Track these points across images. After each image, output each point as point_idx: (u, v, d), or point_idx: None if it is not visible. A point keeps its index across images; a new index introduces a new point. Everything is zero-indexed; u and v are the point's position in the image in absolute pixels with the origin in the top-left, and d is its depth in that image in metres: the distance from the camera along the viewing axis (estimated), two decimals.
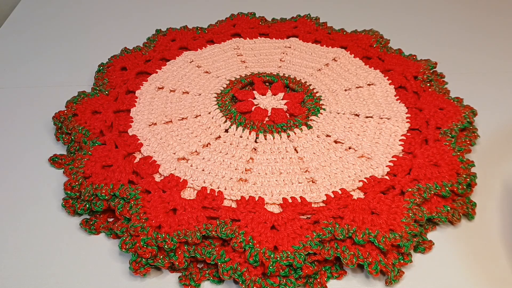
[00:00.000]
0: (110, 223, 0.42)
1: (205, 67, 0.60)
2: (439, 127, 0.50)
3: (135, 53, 0.61)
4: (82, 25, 0.72)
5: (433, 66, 0.59)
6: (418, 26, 0.72)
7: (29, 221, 0.42)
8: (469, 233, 0.42)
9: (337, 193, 0.43)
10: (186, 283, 0.37)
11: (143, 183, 0.43)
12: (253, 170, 0.45)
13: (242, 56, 0.62)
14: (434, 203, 0.43)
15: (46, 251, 0.40)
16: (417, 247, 0.40)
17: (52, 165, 0.47)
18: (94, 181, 0.43)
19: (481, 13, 0.76)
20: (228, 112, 0.52)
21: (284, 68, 0.60)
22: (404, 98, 0.54)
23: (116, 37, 0.68)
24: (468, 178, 0.44)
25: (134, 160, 0.46)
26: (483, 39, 0.69)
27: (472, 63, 0.64)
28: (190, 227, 0.39)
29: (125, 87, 0.55)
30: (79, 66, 0.62)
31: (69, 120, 0.50)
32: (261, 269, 0.37)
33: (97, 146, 0.47)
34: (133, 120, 0.51)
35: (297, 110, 0.53)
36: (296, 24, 0.68)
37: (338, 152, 0.47)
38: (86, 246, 0.40)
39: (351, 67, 0.60)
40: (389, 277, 0.37)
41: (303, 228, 0.39)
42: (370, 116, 0.52)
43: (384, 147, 0.48)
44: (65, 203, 0.42)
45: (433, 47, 0.66)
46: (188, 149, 0.47)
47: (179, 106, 0.53)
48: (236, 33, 0.66)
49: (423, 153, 0.47)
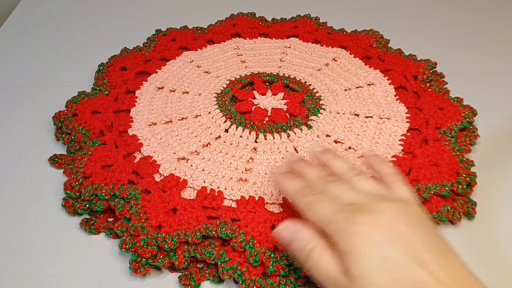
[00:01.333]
0: (110, 223, 0.42)
1: (205, 67, 0.60)
2: (439, 127, 0.50)
3: (135, 53, 0.61)
4: (82, 25, 0.72)
5: (433, 66, 0.59)
6: (418, 26, 0.72)
7: (29, 221, 0.42)
8: (469, 233, 0.42)
9: None
10: (186, 283, 0.37)
11: (143, 183, 0.43)
12: (253, 170, 0.45)
13: (242, 56, 0.62)
14: (434, 203, 0.43)
15: (46, 251, 0.40)
16: None
17: (52, 165, 0.47)
18: (94, 181, 0.43)
19: (481, 13, 0.76)
20: (228, 112, 0.52)
21: (284, 68, 0.60)
22: (404, 98, 0.54)
23: (116, 37, 0.68)
24: (468, 177, 0.44)
25: (134, 160, 0.46)
26: (483, 39, 0.70)
27: (472, 63, 0.64)
28: (190, 227, 0.39)
29: (125, 87, 0.55)
30: (79, 66, 0.62)
31: (69, 120, 0.50)
32: (261, 269, 0.37)
33: (97, 146, 0.47)
34: (133, 120, 0.51)
35: (297, 110, 0.53)
36: (296, 24, 0.68)
37: (338, 152, 0.47)
38: (86, 246, 0.40)
39: (351, 67, 0.60)
40: None
41: None
42: (370, 116, 0.52)
43: (384, 147, 0.48)
44: (65, 203, 0.42)
45: (433, 47, 0.66)
46: (188, 149, 0.47)
47: (179, 106, 0.53)
48: (236, 33, 0.66)
49: (423, 153, 0.47)
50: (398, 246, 0.30)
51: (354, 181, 0.36)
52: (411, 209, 0.33)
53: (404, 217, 0.31)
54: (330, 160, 0.39)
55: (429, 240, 0.30)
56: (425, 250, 0.30)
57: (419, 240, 0.30)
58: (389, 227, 0.30)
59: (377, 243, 0.30)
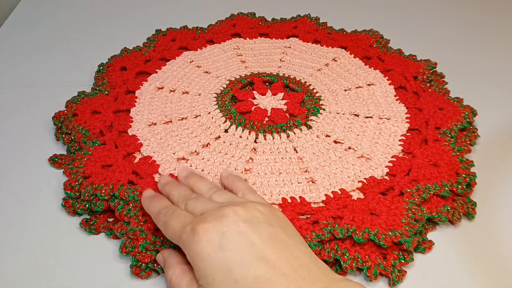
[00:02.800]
0: (110, 223, 0.42)
1: (205, 67, 0.60)
2: (439, 127, 0.50)
3: (135, 53, 0.61)
4: (82, 25, 0.72)
5: (433, 66, 0.59)
6: (418, 26, 0.72)
7: (29, 221, 0.42)
8: (469, 233, 0.42)
9: (337, 193, 0.43)
10: None
11: (142, 183, 0.43)
12: (253, 170, 0.45)
13: (242, 56, 0.62)
14: (434, 203, 0.43)
15: (46, 251, 0.40)
16: (417, 247, 0.40)
17: (52, 165, 0.47)
18: (94, 181, 0.43)
19: (481, 14, 0.76)
20: (228, 112, 0.52)
21: (284, 68, 0.60)
22: (404, 98, 0.54)
23: (116, 37, 0.68)
24: (467, 178, 0.44)
25: (134, 160, 0.46)
26: (483, 39, 0.69)
27: (472, 63, 0.64)
28: None
29: (125, 87, 0.55)
30: (79, 66, 0.62)
31: (69, 120, 0.50)
32: None
33: (97, 146, 0.47)
34: (133, 120, 0.51)
35: (296, 110, 0.53)
36: (296, 24, 0.68)
37: (337, 152, 0.47)
38: (86, 246, 0.40)
39: (351, 67, 0.60)
40: (391, 279, 0.37)
41: (302, 229, 0.39)
42: (369, 116, 0.52)
43: (383, 147, 0.48)
44: (65, 203, 0.42)
45: (433, 47, 0.66)
46: (187, 149, 0.47)
47: (179, 106, 0.53)
48: (236, 33, 0.66)
49: (423, 153, 0.47)
50: (238, 246, 0.30)
51: (213, 197, 0.36)
52: (256, 208, 0.33)
53: (247, 217, 0.32)
54: (195, 183, 0.39)
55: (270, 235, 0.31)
56: (264, 244, 0.30)
57: (258, 236, 0.31)
58: (230, 229, 0.31)
59: (218, 248, 0.30)
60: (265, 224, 0.32)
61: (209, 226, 0.31)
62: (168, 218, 0.34)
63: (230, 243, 0.30)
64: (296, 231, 0.35)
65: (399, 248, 0.39)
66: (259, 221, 0.32)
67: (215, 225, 0.31)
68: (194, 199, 0.36)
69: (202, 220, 0.32)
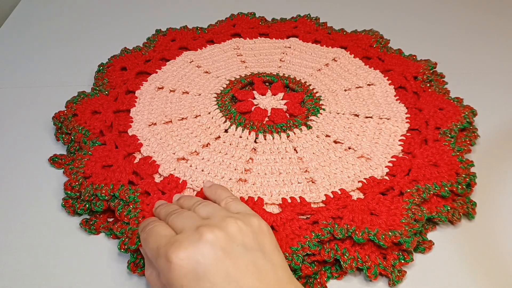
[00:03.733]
0: (110, 223, 0.42)
1: (205, 67, 0.60)
2: (439, 127, 0.50)
3: (135, 53, 0.61)
4: (82, 25, 0.72)
5: (433, 66, 0.59)
6: (418, 26, 0.72)
7: (29, 221, 0.42)
8: (469, 233, 0.42)
9: (337, 193, 0.43)
10: None
11: (142, 184, 0.43)
12: (253, 170, 0.45)
13: (242, 56, 0.62)
14: (434, 203, 0.43)
15: (46, 251, 0.40)
16: (417, 247, 0.40)
17: (52, 165, 0.47)
18: (94, 181, 0.43)
19: (481, 13, 0.76)
20: (228, 112, 0.52)
21: (284, 68, 0.60)
22: (404, 98, 0.54)
23: (116, 37, 0.68)
24: (467, 178, 0.44)
25: (134, 160, 0.46)
26: (483, 39, 0.69)
27: (472, 63, 0.64)
28: None
29: (125, 87, 0.55)
30: (79, 66, 0.62)
31: (69, 120, 0.50)
32: None
33: (97, 146, 0.47)
34: (133, 120, 0.51)
35: (296, 110, 0.53)
36: (296, 24, 0.68)
37: (337, 152, 0.47)
38: (86, 246, 0.40)
39: (351, 67, 0.60)
40: (391, 279, 0.37)
41: (302, 229, 0.39)
42: (369, 116, 0.52)
43: (383, 147, 0.48)
44: (65, 203, 0.42)
45: (433, 47, 0.66)
46: (187, 149, 0.47)
47: (179, 106, 0.53)
48: (236, 33, 0.66)
49: (423, 153, 0.47)
50: (213, 276, 0.30)
51: (196, 209, 0.36)
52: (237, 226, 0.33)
53: (224, 242, 0.31)
54: (184, 200, 0.39)
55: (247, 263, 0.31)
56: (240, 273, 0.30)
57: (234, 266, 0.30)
58: (206, 258, 0.30)
59: (193, 279, 0.30)
60: (242, 249, 0.32)
61: (184, 255, 0.30)
62: (146, 236, 0.34)
63: (205, 274, 0.30)
64: (277, 246, 0.34)
65: (399, 248, 0.39)
66: (238, 244, 0.32)
67: (189, 253, 0.30)
68: (177, 214, 0.35)
69: (177, 246, 0.31)
